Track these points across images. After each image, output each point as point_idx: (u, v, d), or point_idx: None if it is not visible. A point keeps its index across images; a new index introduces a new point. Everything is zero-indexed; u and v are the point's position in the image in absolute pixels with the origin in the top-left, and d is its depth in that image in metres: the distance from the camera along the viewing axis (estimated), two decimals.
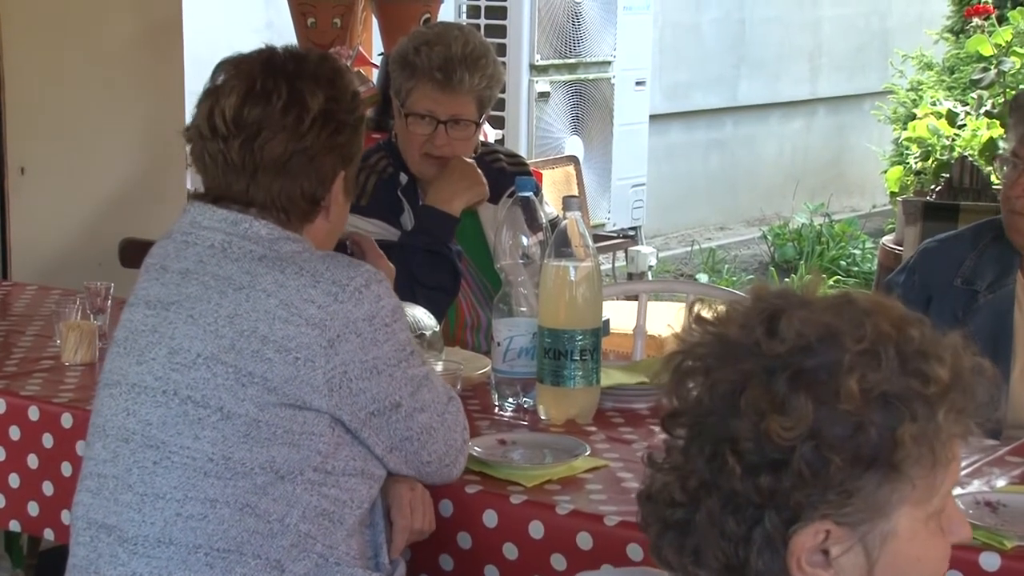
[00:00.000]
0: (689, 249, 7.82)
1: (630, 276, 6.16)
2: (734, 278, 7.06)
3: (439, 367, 2.23)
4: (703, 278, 7.04)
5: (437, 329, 2.42)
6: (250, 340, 1.78)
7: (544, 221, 2.39)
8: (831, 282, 6.75)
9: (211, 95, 1.88)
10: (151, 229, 2.99)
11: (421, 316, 2.39)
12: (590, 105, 6.08)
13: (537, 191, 2.41)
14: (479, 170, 2.82)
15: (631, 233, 6.41)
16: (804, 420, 1.10)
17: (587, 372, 2.25)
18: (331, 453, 1.82)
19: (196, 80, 2.12)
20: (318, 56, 1.95)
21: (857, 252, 7.19)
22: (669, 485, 1.16)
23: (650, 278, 6.07)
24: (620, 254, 6.43)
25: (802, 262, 7.18)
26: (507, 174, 2.85)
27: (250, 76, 1.86)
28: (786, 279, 6.95)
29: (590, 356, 2.25)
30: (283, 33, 4.91)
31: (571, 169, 4.75)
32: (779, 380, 1.12)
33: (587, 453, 2.07)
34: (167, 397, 1.80)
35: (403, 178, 2.81)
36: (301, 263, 1.82)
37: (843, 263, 7.11)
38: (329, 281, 1.80)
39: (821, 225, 7.58)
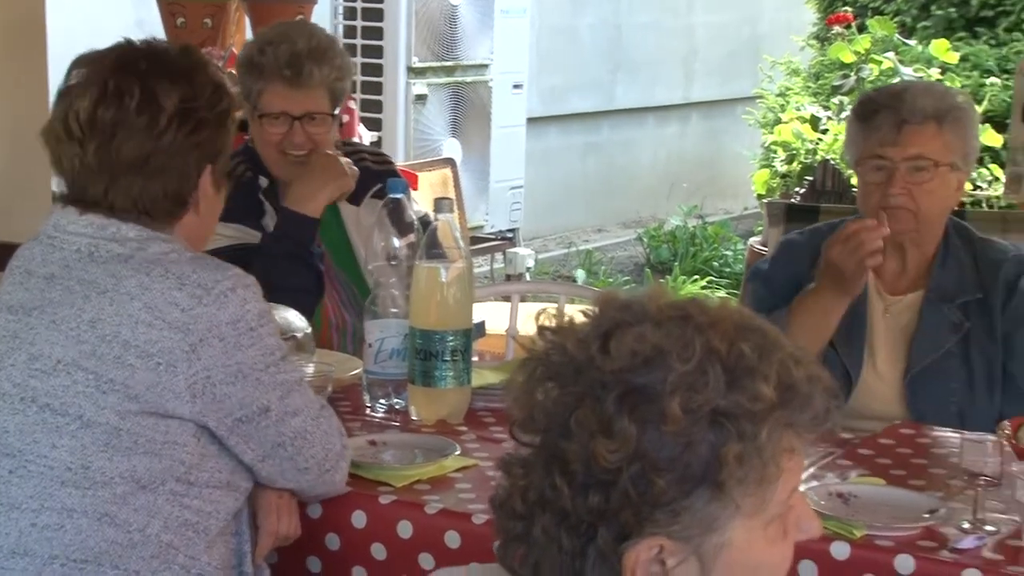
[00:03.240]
0: (567, 251, 7.89)
1: (508, 278, 6.19)
2: (610, 279, 7.15)
3: (310, 369, 2.23)
4: (581, 277, 7.12)
5: (309, 331, 2.42)
6: (112, 345, 1.75)
7: (415, 222, 2.40)
8: (703, 283, 6.87)
9: (65, 96, 1.84)
10: (16, 231, 2.92)
11: (292, 318, 2.39)
12: (468, 108, 6.10)
13: (406, 192, 2.42)
14: (343, 161, 2.80)
15: (509, 235, 6.45)
16: (628, 443, 1.11)
17: (458, 373, 2.27)
18: (195, 464, 1.79)
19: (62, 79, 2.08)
20: (178, 51, 1.90)
21: (729, 253, 7.33)
22: (512, 496, 1.17)
23: (528, 280, 6.11)
24: (499, 256, 6.47)
25: (676, 263, 7.29)
26: (372, 173, 2.85)
27: (102, 76, 1.82)
28: (661, 280, 7.05)
29: (461, 357, 2.27)
30: (154, 32, 4.82)
31: (448, 171, 4.76)
32: (608, 400, 1.12)
33: (457, 453, 2.09)
34: (25, 404, 1.77)
35: (263, 181, 2.78)
36: (168, 265, 1.80)
37: (716, 264, 7.24)
38: (195, 284, 1.78)
39: (695, 227, 7.72)
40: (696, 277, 6.98)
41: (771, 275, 2.65)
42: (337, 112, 2.82)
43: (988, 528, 1.86)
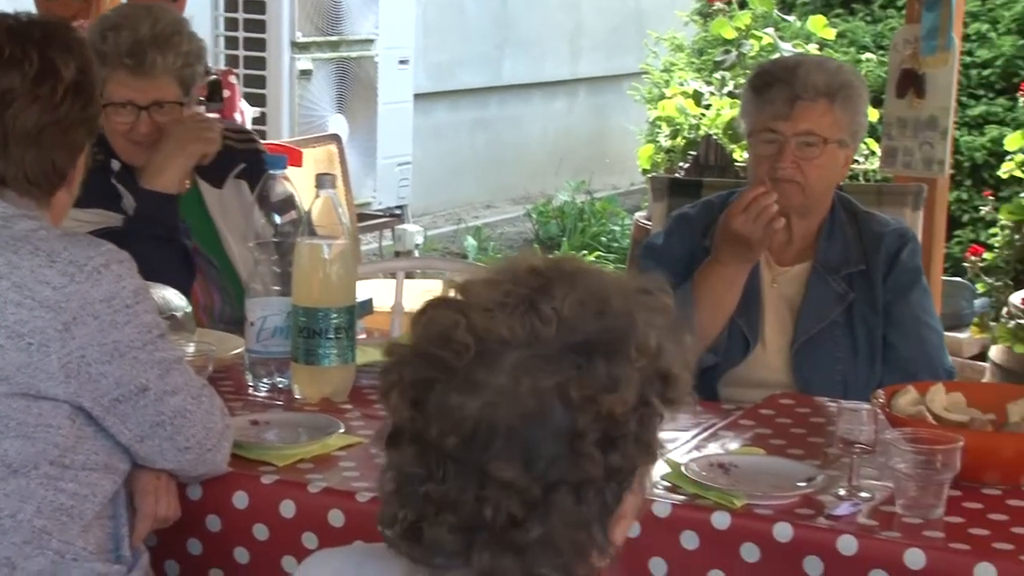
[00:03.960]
0: (456, 227, 7.88)
1: (397, 254, 6.17)
2: (500, 255, 7.16)
3: (190, 348, 2.19)
4: (472, 249, 7.12)
5: (189, 310, 2.38)
6: None
7: (298, 199, 2.37)
8: (592, 258, 6.91)
9: None
10: None
11: (171, 297, 2.34)
12: (354, 83, 6.04)
13: (278, 167, 2.37)
14: (203, 121, 2.70)
15: (397, 212, 6.42)
16: (632, 389, 1.17)
17: (342, 350, 2.25)
18: (71, 446, 1.75)
19: None
20: (63, 24, 1.87)
21: (617, 228, 7.38)
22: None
23: (417, 256, 6.09)
24: (387, 233, 6.43)
25: (565, 239, 7.33)
26: (234, 152, 2.78)
27: None
28: (550, 255, 7.07)
29: (345, 334, 2.25)
30: (21, 3, 4.69)
31: (334, 148, 4.71)
32: (591, 358, 1.16)
33: (341, 431, 2.07)
34: None
35: (115, 164, 2.68)
36: (37, 242, 1.75)
37: (604, 239, 7.29)
38: (66, 261, 1.74)
39: (583, 202, 7.75)
40: (584, 252, 7.02)
41: (665, 250, 2.67)
42: (191, 96, 2.70)
43: (863, 495, 1.90)
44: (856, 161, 4.83)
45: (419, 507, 1.17)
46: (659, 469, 1.97)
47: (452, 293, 1.20)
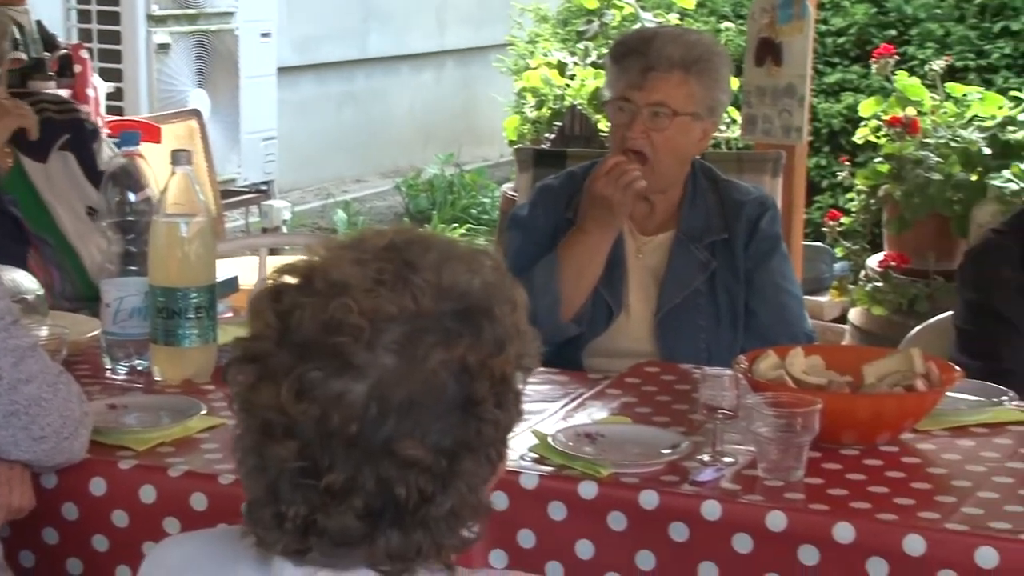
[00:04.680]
0: (325, 202, 7.80)
1: (264, 231, 6.08)
2: None
3: (43, 332, 2.12)
4: (343, 224, 7.05)
5: (40, 292, 2.31)
6: None
7: (152, 176, 2.31)
8: (463, 231, 6.90)
9: None
10: None
11: (21, 279, 2.27)
12: (214, 57, 5.92)
13: (131, 143, 2.31)
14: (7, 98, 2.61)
15: (263, 188, 6.32)
16: (513, 343, 1.19)
17: (203, 330, 2.21)
18: None
19: None
20: None
21: (487, 200, 7.38)
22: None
23: (285, 232, 6.01)
24: (254, 209, 6.33)
25: (435, 212, 7.31)
26: (56, 124, 2.69)
27: None
28: (421, 228, 7.05)
29: (205, 313, 2.21)
30: None
31: (194, 123, 4.61)
32: (476, 323, 1.17)
33: (203, 412, 2.03)
34: None
35: None
36: None
37: (474, 211, 7.28)
38: None
39: (452, 175, 7.74)
40: (455, 225, 7.01)
41: (530, 221, 2.67)
42: None
43: (726, 460, 1.93)
44: (718, 129, 4.89)
45: (312, 500, 1.14)
46: (527, 441, 1.98)
47: (309, 278, 1.17)
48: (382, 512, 1.13)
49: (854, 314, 4.29)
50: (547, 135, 4.91)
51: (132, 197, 2.27)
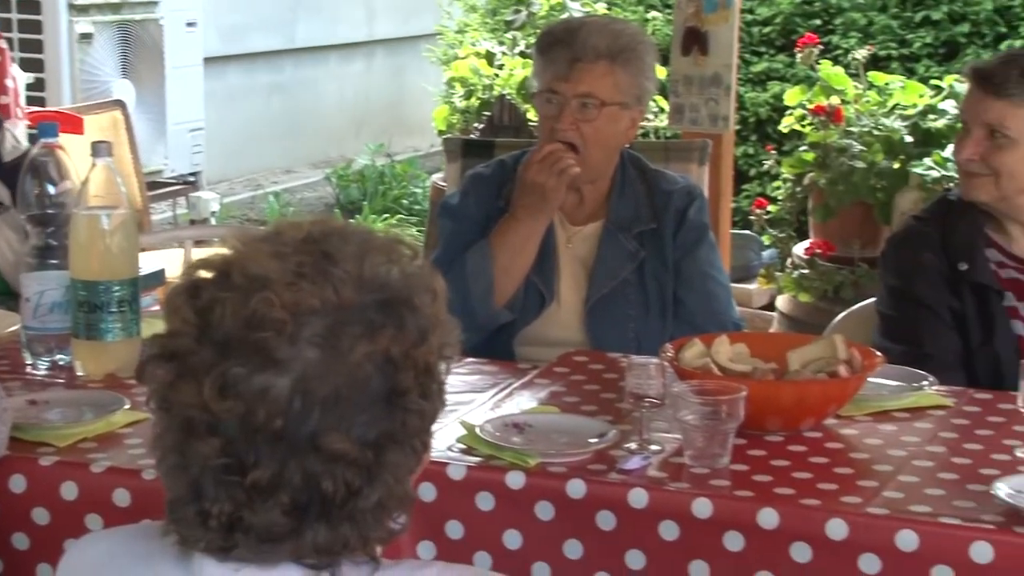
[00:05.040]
0: (254, 193, 7.73)
1: (192, 223, 6.01)
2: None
3: None
4: (273, 215, 6.98)
5: None
6: None
7: (72, 168, 2.28)
8: (394, 221, 6.87)
9: None
10: None
11: None
12: (139, 47, 5.83)
13: (49, 135, 2.27)
14: None
15: (191, 179, 6.25)
16: (436, 334, 1.19)
17: (126, 324, 2.19)
18: None
19: None
20: None
21: (419, 191, 7.36)
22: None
23: (214, 224, 5.95)
24: (182, 201, 6.26)
25: (366, 202, 7.27)
26: None
27: None
28: (351, 220, 7.02)
29: (128, 307, 2.19)
30: None
31: (119, 114, 4.54)
32: (400, 312, 1.16)
33: (126, 407, 2.01)
34: None
35: None
36: None
37: (405, 202, 7.26)
38: None
39: (383, 165, 7.70)
40: (386, 215, 6.98)
41: (461, 209, 2.67)
42: None
43: (653, 447, 1.94)
44: (646, 118, 4.92)
45: (237, 497, 1.13)
46: (454, 431, 1.97)
47: (227, 273, 1.15)
48: (308, 507, 1.13)
49: (781, 301, 4.33)
50: (476, 125, 4.90)
51: (51, 189, 2.24)
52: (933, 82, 4.32)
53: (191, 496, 1.14)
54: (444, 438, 1.96)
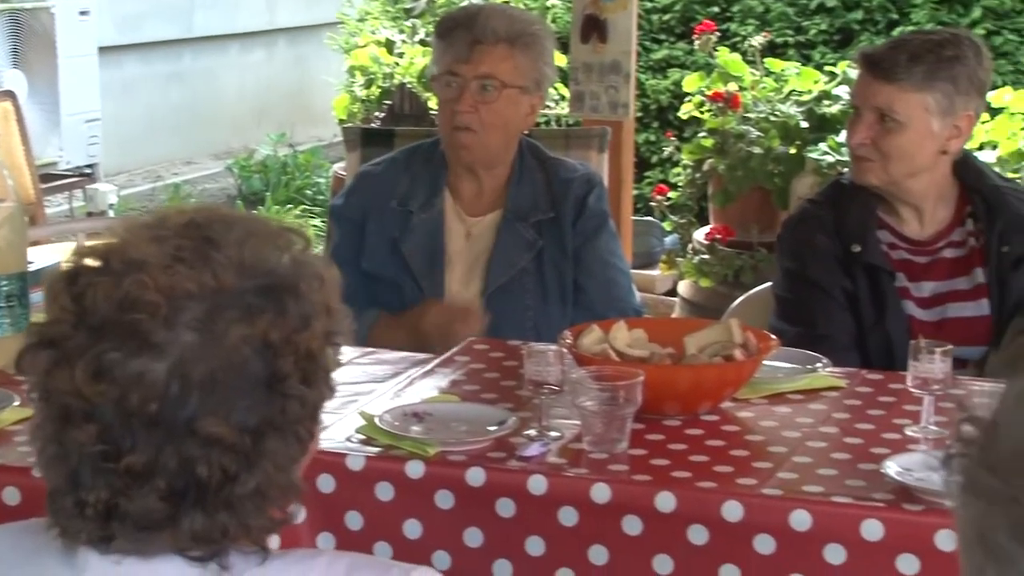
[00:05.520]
0: (154, 185, 7.62)
1: (90, 215, 5.91)
2: None
3: None
4: None
5: None
6: None
7: None
8: (298, 212, 6.81)
9: None
10: None
11: None
12: (30, 36, 5.71)
13: None
14: None
15: (87, 171, 6.14)
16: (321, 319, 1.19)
17: (15, 318, 2.15)
18: None
19: None
20: None
21: (322, 181, 7.30)
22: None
23: (111, 216, 5.85)
24: (78, 193, 6.14)
25: (269, 193, 7.20)
26: None
27: None
28: (254, 211, 6.93)
29: (17, 301, 2.15)
30: None
31: (9, 105, 4.44)
32: (290, 295, 1.16)
33: (16, 404, 1.97)
34: None
35: None
36: None
37: (309, 192, 7.20)
38: None
39: (286, 156, 7.63)
40: (290, 206, 6.91)
41: (345, 211, 2.67)
42: None
43: (552, 434, 1.94)
44: (547, 106, 4.93)
45: (114, 484, 1.11)
46: (353, 422, 1.96)
47: (107, 259, 1.14)
48: (185, 493, 1.11)
49: (683, 287, 4.37)
50: (377, 114, 4.88)
51: None
52: (828, 68, 4.38)
53: (69, 486, 1.13)
54: (343, 429, 1.95)
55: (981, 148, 3.89)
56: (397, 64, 5.04)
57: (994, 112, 3.93)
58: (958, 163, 2.52)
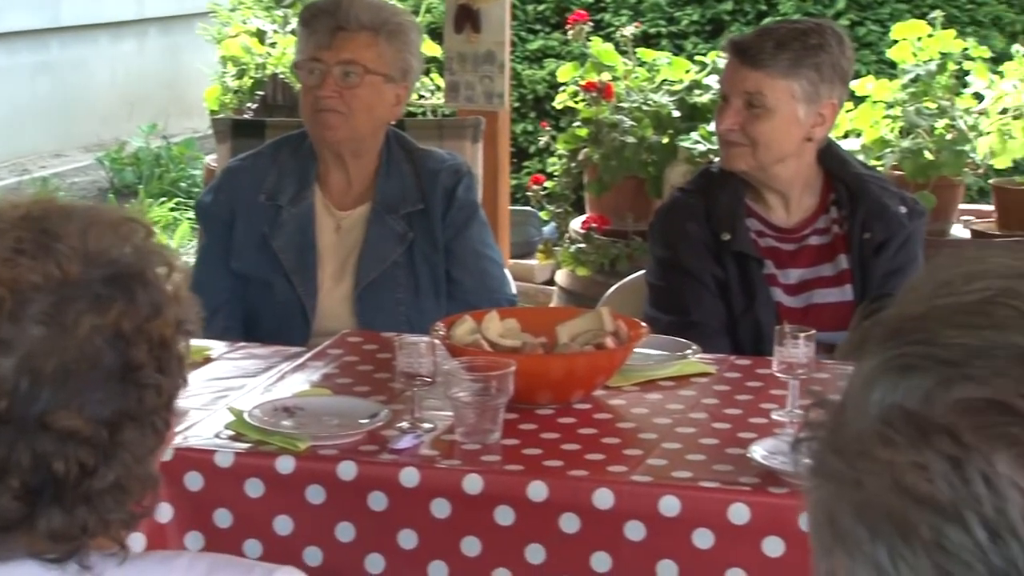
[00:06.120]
0: (20, 179, 7.41)
1: None
2: None
3: None
4: None
5: None
6: None
7: None
8: (172, 204, 6.69)
9: None
10: None
11: None
12: None
13: None
14: None
15: None
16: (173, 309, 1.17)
17: None
18: None
19: None
20: None
21: (197, 173, 7.17)
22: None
23: None
24: None
25: (142, 186, 7.06)
26: None
27: None
28: (127, 204, 6.79)
29: None
30: None
31: None
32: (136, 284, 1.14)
33: None
34: None
35: None
36: None
37: (184, 185, 7.07)
38: None
39: (159, 148, 7.49)
40: (164, 199, 6.78)
41: (213, 208, 2.65)
42: None
43: (425, 426, 1.94)
44: (423, 96, 4.91)
45: None
46: (222, 418, 1.93)
47: None
48: (41, 490, 1.09)
49: (560, 276, 4.39)
50: (250, 105, 4.81)
51: None
52: (698, 58, 4.44)
53: None
54: (211, 425, 1.92)
55: (846, 136, 3.97)
56: (269, 54, 4.98)
57: (858, 100, 4.01)
58: (822, 151, 2.57)
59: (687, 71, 4.31)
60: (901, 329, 0.70)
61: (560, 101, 4.41)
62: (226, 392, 2.09)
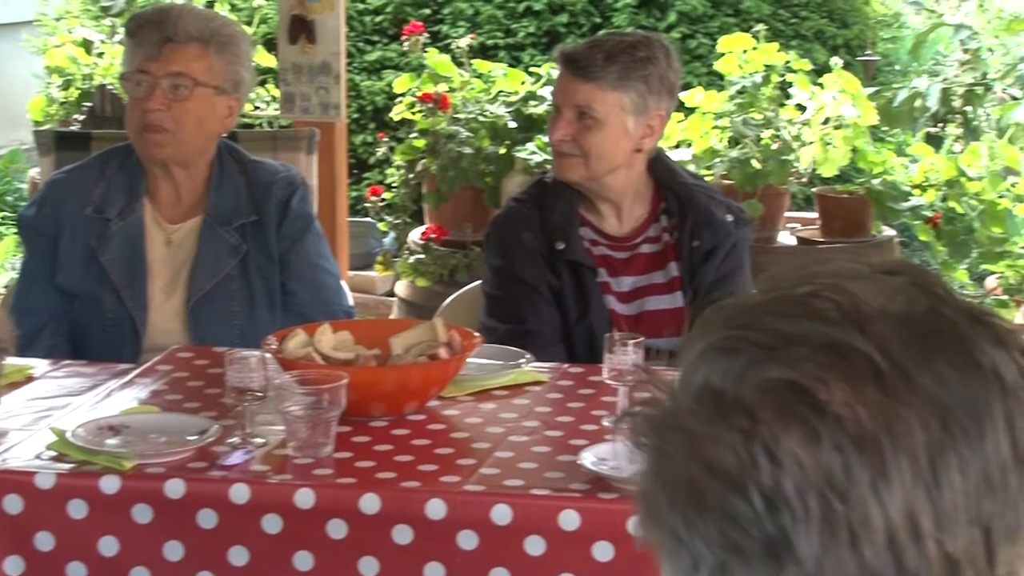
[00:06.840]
0: None
1: None
2: None
3: None
4: None
5: None
6: None
7: None
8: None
9: None
10: None
11: None
12: None
13: None
14: None
15: None
16: None
17: None
18: None
19: None
20: None
21: (24, 186, 6.95)
22: None
23: None
24: None
25: None
26: None
27: None
28: None
29: None
30: None
31: None
32: None
33: None
34: None
35: None
36: None
37: (10, 199, 6.84)
38: None
39: None
40: None
41: (37, 222, 2.57)
42: None
43: (257, 441, 1.91)
44: (259, 107, 4.85)
45: None
46: (44, 439, 1.87)
47: None
48: None
49: (400, 287, 4.38)
50: (77, 116, 4.68)
51: None
52: (533, 70, 4.48)
53: None
54: (32, 446, 1.86)
55: (678, 146, 4.05)
56: (96, 64, 4.85)
57: (688, 112, 4.10)
58: (652, 162, 2.62)
59: (523, 82, 4.35)
60: (730, 317, 0.74)
61: (397, 112, 4.41)
62: (49, 412, 2.03)
